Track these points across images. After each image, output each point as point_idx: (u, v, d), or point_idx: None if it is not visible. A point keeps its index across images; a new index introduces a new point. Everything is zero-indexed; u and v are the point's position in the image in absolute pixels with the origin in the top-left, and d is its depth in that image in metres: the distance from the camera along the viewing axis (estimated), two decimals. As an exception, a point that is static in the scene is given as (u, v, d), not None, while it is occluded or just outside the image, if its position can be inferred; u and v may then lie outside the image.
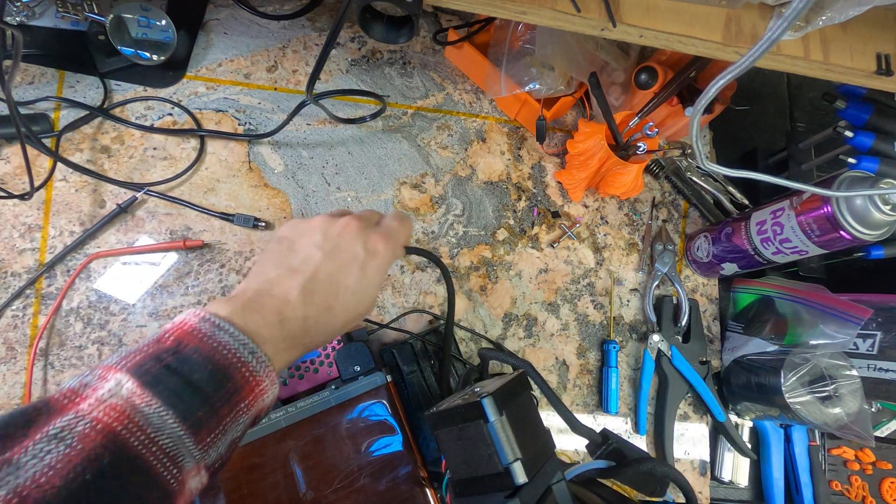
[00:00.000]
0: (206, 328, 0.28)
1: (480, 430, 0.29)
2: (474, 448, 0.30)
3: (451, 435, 0.31)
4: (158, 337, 0.28)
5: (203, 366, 0.27)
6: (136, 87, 0.60)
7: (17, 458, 0.21)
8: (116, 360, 0.26)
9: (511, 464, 0.29)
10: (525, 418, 0.32)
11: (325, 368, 0.54)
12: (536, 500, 0.29)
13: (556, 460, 0.32)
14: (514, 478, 0.29)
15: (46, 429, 0.22)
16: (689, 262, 0.70)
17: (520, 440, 0.29)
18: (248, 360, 0.28)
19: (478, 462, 0.30)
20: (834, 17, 0.39)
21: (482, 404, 0.29)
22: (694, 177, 0.69)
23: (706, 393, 0.63)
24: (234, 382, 0.28)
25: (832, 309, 0.60)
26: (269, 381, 0.29)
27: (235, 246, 0.59)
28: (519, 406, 0.31)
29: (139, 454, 0.23)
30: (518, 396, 0.32)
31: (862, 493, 0.65)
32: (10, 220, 0.55)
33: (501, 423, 0.29)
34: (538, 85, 0.61)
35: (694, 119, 0.38)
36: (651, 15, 0.43)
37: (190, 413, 0.25)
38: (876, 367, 0.62)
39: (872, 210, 0.48)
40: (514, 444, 0.29)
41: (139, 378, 0.25)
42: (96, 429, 0.23)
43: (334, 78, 0.65)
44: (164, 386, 0.25)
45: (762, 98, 0.78)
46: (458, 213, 0.65)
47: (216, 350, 0.27)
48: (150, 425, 0.24)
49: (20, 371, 0.53)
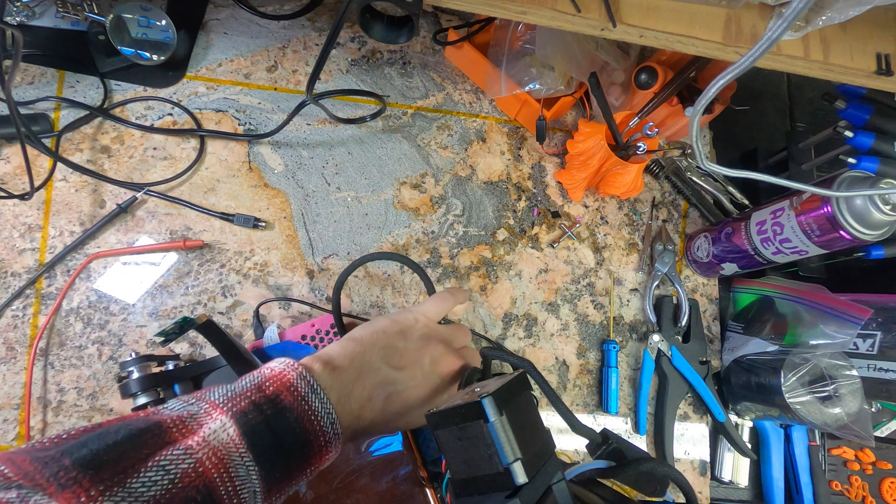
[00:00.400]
0: (303, 388, 0.31)
1: (480, 430, 0.29)
2: (474, 448, 0.30)
3: (451, 435, 0.31)
4: (259, 384, 0.30)
5: (293, 429, 0.29)
6: (136, 87, 0.60)
7: (130, 481, 0.23)
8: (222, 400, 0.29)
9: (511, 464, 0.28)
10: (525, 418, 0.32)
11: None
12: (536, 499, 0.29)
13: (556, 460, 0.32)
14: (515, 478, 0.28)
15: (157, 458, 0.24)
16: (689, 262, 0.70)
17: (520, 440, 0.29)
18: (328, 430, 0.31)
19: (478, 462, 0.29)
20: (834, 17, 0.39)
21: (482, 404, 0.29)
22: (694, 177, 0.69)
23: (706, 393, 0.63)
24: (311, 449, 0.30)
25: (832, 309, 0.60)
26: (335, 451, 0.32)
27: (235, 246, 0.59)
28: (519, 406, 0.31)
29: (222, 502, 0.25)
30: (518, 396, 0.32)
31: (862, 493, 0.65)
32: (10, 220, 0.55)
33: (501, 423, 0.29)
34: (538, 85, 0.61)
35: (694, 119, 0.38)
36: (651, 15, 0.43)
37: (271, 473, 0.28)
38: (876, 367, 0.62)
39: (872, 210, 0.48)
40: (515, 444, 0.29)
41: (241, 427, 0.27)
42: (198, 471, 0.25)
43: (334, 78, 0.65)
44: (259, 442, 0.28)
45: (762, 98, 0.78)
46: (458, 213, 0.65)
47: (306, 414, 0.30)
48: (238, 477, 0.26)
49: (20, 371, 0.53)
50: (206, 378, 0.50)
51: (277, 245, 0.60)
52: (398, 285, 0.61)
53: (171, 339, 0.48)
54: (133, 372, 0.46)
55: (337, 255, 0.61)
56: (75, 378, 0.54)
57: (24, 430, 0.52)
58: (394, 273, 0.62)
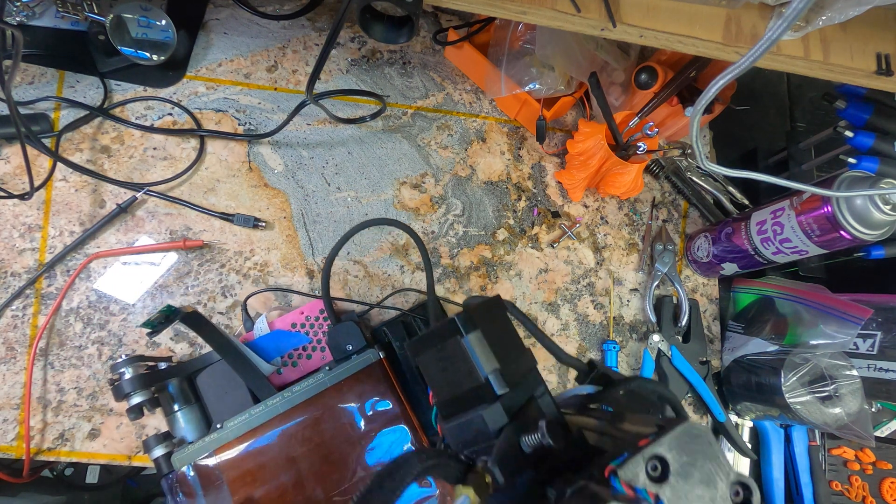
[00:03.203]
0: None
1: (458, 346, 0.30)
2: (454, 366, 0.30)
3: (432, 358, 0.31)
4: None
5: None
6: (136, 87, 0.60)
7: None
8: None
9: (489, 374, 0.29)
10: (502, 335, 0.32)
11: (317, 354, 0.54)
12: (518, 408, 0.29)
13: (537, 375, 0.32)
14: (495, 388, 0.29)
15: None
16: (689, 262, 0.70)
17: (498, 353, 0.30)
18: None
19: (459, 379, 0.30)
20: (834, 17, 0.39)
21: (455, 320, 0.30)
22: (694, 177, 0.69)
23: (706, 393, 0.63)
24: None
25: (832, 309, 0.60)
26: None
27: (235, 246, 0.59)
28: (495, 323, 0.32)
29: None
30: (494, 316, 0.33)
31: (862, 494, 0.65)
32: (10, 220, 0.55)
33: (477, 337, 0.29)
34: (538, 85, 0.61)
35: (694, 119, 0.38)
36: (651, 15, 0.43)
37: None
38: (876, 367, 0.62)
39: (872, 210, 0.48)
40: (492, 356, 0.29)
41: None
42: None
43: (334, 78, 0.65)
44: None
45: (762, 98, 0.78)
46: (458, 213, 0.65)
47: None
48: None
49: (20, 371, 0.53)
50: (199, 375, 0.50)
51: (277, 245, 0.60)
52: (398, 285, 0.61)
53: (159, 329, 0.47)
54: (125, 373, 0.46)
55: (337, 255, 0.61)
56: (75, 378, 0.54)
57: (24, 430, 0.52)
58: (394, 273, 0.62)
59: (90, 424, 0.53)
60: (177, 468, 0.45)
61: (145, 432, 0.54)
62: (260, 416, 0.47)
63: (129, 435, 0.54)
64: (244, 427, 0.47)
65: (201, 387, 0.50)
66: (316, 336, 0.54)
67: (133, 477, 1.05)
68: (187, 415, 0.48)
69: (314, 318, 0.55)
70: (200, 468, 0.46)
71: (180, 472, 0.45)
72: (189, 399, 0.49)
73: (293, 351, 0.53)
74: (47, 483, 0.94)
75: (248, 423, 0.47)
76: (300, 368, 0.53)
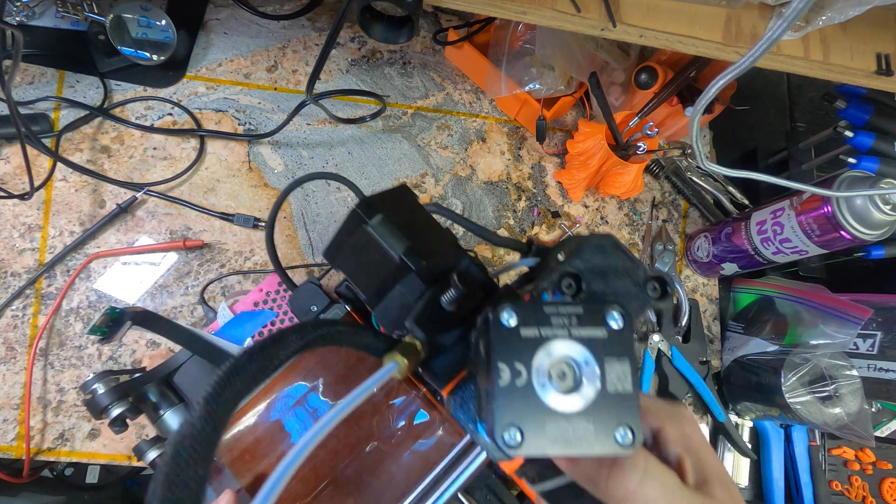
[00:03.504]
0: None
1: (365, 234, 0.29)
2: (368, 256, 0.30)
3: (347, 257, 0.31)
4: None
5: None
6: (136, 87, 0.60)
7: None
8: None
9: (402, 253, 0.28)
10: (412, 217, 0.31)
11: (287, 325, 0.54)
12: (437, 275, 0.28)
13: (460, 250, 0.32)
14: (409, 263, 0.28)
15: None
16: (689, 262, 0.70)
17: (409, 233, 0.29)
18: None
19: (376, 268, 0.29)
20: (834, 17, 0.39)
21: (356, 210, 0.29)
22: (694, 177, 0.69)
23: (706, 393, 0.63)
24: None
25: (832, 309, 0.60)
26: None
27: (235, 246, 0.59)
28: (401, 208, 0.31)
29: None
30: (399, 202, 0.32)
31: (862, 494, 0.65)
32: (10, 220, 0.55)
33: (380, 220, 0.29)
34: (538, 85, 0.61)
35: (694, 119, 0.38)
36: (651, 15, 0.43)
37: None
38: (876, 367, 0.62)
39: (872, 210, 0.48)
40: (401, 236, 0.29)
41: None
42: None
43: (334, 78, 0.65)
44: None
45: (762, 98, 0.78)
46: (459, 212, 0.65)
47: None
48: None
49: (20, 371, 0.53)
50: (175, 375, 0.49)
51: (277, 245, 0.60)
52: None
53: (110, 335, 0.46)
54: (98, 388, 0.45)
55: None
56: (75, 378, 0.54)
57: (24, 430, 0.52)
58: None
59: (90, 424, 0.53)
60: None
61: (145, 432, 0.54)
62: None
63: (129, 435, 0.54)
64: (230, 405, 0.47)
65: (180, 385, 0.49)
66: (281, 308, 0.54)
67: (133, 477, 1.05)
68: (174, 415, 0.48)
69: (275, 293, 0.55)
70: None
71: None
72: (172, 401, 0.48)
73: (262, 329, 0.53)
74: (47, 483, 0.94)
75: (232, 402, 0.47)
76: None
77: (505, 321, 0.21)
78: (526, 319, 0.21)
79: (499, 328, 0.21)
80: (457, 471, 0.34)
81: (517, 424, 0.20)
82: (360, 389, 0.22)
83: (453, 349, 0.28)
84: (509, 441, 0.20)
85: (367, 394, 0.22)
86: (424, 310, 0.27)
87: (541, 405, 0.20)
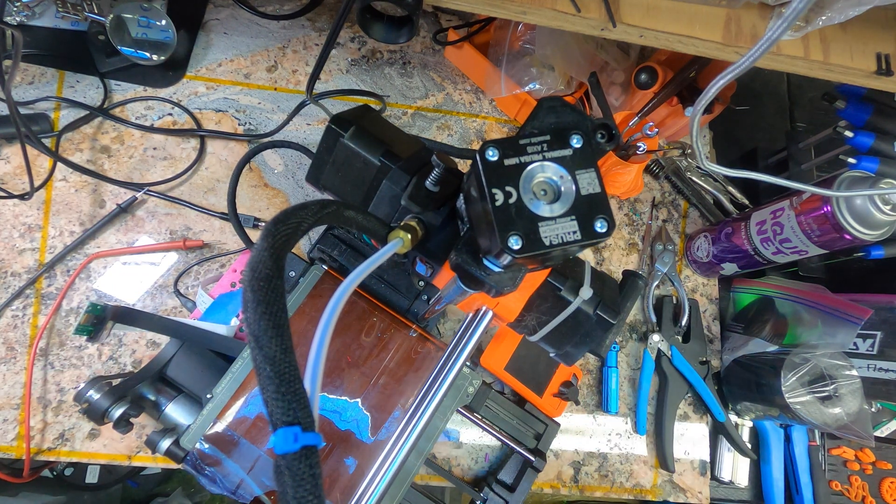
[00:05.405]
0: None
1: (343, 147, 0.32)
2: (350, 168, 0.33)
3: (331, 175, 0.34)
4: None
5: None
6: (136, 87, 0.60)
7: None
8: None
9: (381, 155, 0.32)
10: (382, 127, 0.35)
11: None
12: (417, 169, 0.32)
13: (428, 148, 0.36)
14: (390, 163, 0.32)
15: None
16: (689, 262, 0.70)
17: (382, 139, 0.33)
18: None
19: (360, 177, 0.33)
20: (834, 17, 0.39)
21: (331, 126, 0.33)
22: (694, 177, 0.69)
23: (706, 393, 0.63)
24: None
25: (832, 309, 0.60)
26: None
27: (235, 246, 0.59)
28: (371, 121, 0.34)
29: None
30: (367, 117, 0.35)
31: (862, 493, 0.65)
32: (10, 220, 0.55)
33: (355, 131, 0.32)
34: (538, 85, 0.61)
35: (694, 119, 0.38)
36: (651, 15, 0.43)
37: None
38: (876, 367, 0.62)
39: (872, 210, 0.48)
40: (377, 142, 0.32)
41: None
42: None
43: (334, 78, 0.65)
44: None
45: (762, 98, 0.78)
46: (458, 213, 0.65)
47: None
48: None
49: (20, 371, 0.53)
50: (167, 369, 0.50)
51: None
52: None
53: (96, 333, 0.46)
54: (93, 395, 0.45)
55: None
56: (75, 378, 0.54)
57: (24, 430, 0.52)
58: (394, 273, 0.62)
59: (90, 424, 0.53)
60: (190, 448, 0.46)
61: (145, 432, 0.54)
62: (242, 369, 0.48)
63: (129, 435, 0.54)
64: (233, 385, 0.48)
65: (175, 377, 0.50)
66: None
67: (133, 477, 1.05)
68: (177, 406, 0.49)
69: None
70: (212, 437, 0.47)
71: (196, 449, 0.46)
72: (170, 394, 0.49)
73: None
74: (47, 483, 0.94)
75: (235, 381, 0.48)
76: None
77: (489, 156, 0.25)
78: (506, 152, 0.25)
79: (486, 162, 0.24)
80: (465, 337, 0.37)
81: (517, 232, 0.24)
82: (372, 259, 0.26)
83: (443, 229, 0.32)
84: (513, 245, 0.23)
85: (379, 261, 0.26)
86: (414, 192, 0.31)
87: (532, 214, 0.24)
